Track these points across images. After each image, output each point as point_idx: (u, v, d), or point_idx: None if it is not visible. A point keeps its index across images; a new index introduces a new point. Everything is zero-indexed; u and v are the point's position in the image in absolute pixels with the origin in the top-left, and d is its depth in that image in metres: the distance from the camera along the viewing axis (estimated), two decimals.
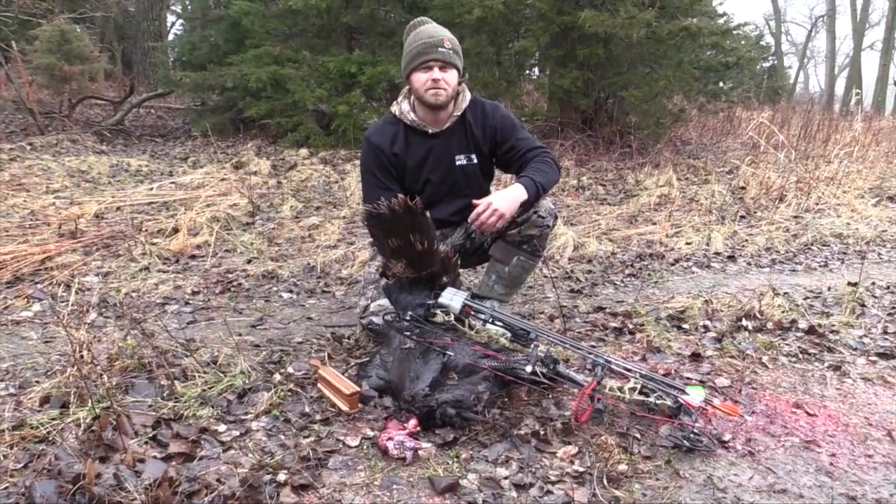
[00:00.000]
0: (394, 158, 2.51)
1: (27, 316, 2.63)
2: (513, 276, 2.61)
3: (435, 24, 2.47)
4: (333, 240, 3.98)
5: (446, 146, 2.54)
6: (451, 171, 2.57)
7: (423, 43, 2.37)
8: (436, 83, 2.38)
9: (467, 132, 2.55)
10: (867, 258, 4.48)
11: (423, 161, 2.54)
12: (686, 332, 2.81)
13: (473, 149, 2.57)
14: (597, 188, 6.39)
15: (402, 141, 2.52)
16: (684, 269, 3.99)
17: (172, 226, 3.86)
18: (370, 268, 2.64)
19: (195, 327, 2.65)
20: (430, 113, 2.48)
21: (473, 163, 2.58)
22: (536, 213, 2.49)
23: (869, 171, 8.47)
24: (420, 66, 2.39)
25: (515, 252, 2.56)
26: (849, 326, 2.94)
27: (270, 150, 7.76)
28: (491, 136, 2.56)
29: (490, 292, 2.66)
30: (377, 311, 2.41)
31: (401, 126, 2.52)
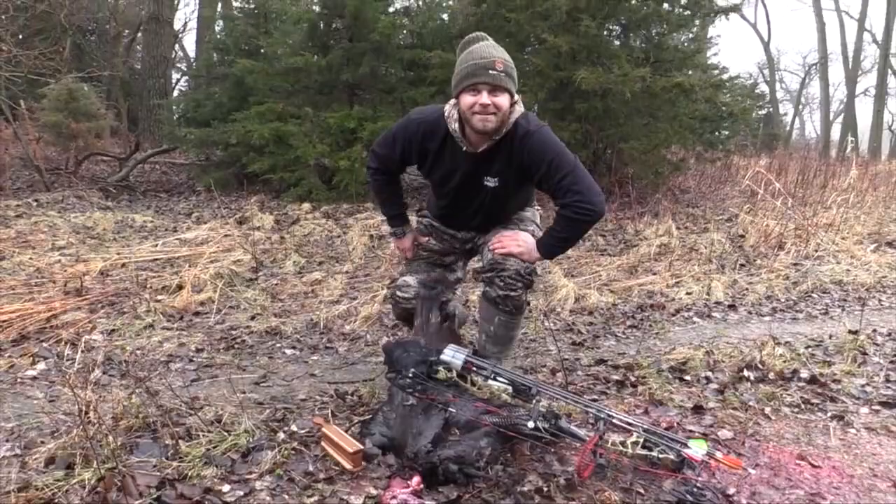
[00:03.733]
0: (423, 151, 2.47)
1: (32, 375, 2.65)
2: (499, 335, 2.58)
3: (489, 42, 2.33)
4: (336, 295, 4.01)
5: (477, 168, 2.43)
6: (479, 191, 2.48)
7: (474, 64, 2.25)
8: (484, 108, 2.25)
9: (504, 157, 2.39)
10: (868, 305, 4.50)
11: (450, 174, 2.48)
12: (688, 383, 2.82)
13: (507, 173, 2.42)
14: (597, 239, 6.44)
15: (438, 143, 2.44)
16: (685, 319, 4.01)
17: (177, 283, 3.90)
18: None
19: (199, 385, 2.66)
20: (474, 133, 2.36)
21: (504, 185, 2.45)
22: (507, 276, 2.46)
23: (867, 216, 8.55)
24: (468, 88, 2.27)
25: (495, 312, 2.53)
26: (851, 375, 2.95)
27: (273, 205, 7.85)
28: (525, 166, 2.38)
29: (485, 352, 2.64)
30: (402, 286, 2.61)
31: (444, 129, 2.41)
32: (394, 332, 3.46)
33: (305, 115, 8.35)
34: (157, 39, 12.75)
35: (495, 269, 2.48)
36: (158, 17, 12.45)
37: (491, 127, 2.28)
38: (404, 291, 2.62)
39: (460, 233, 2.73)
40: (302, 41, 8.88)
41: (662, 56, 8.10)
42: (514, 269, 2.48)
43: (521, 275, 2.49)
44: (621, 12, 7.86)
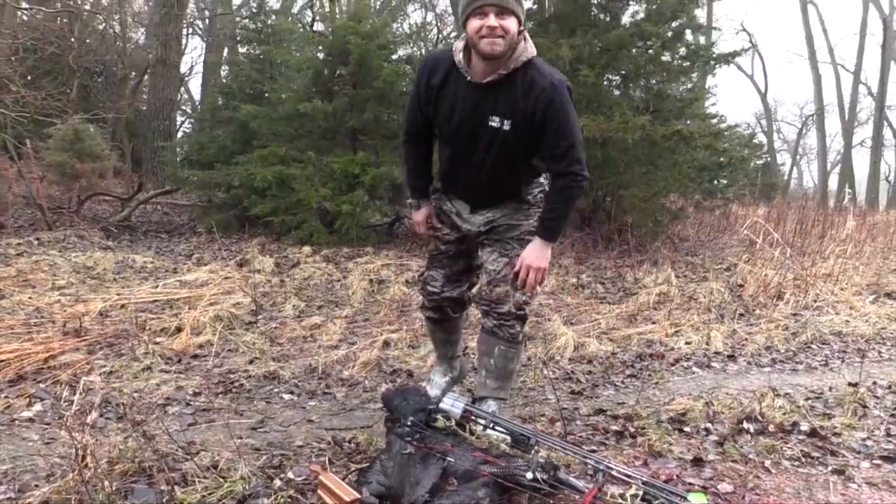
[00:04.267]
0: (429, 91, 2.43)
1: (28, 416, 2.64)
2: (499, 366, 2.66)
3: None
4: (335, 340, 4.01)
5: (481, 102, 2.34)
6: (483, 133, 2.38)
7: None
8: (492, 31, 2.18)
9: (512, 94, 2.30)
10: (867, 356, 4.49)
11: (452, 110, 2.40)
12: (687, 435, 2.80)
13: (511, 114, 2.32)
14: (596, 286, 6.46)
15: (442, 76, 2.38)
16: (684, 369, 4.00)
17: (176, 325, 3.90)
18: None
19: (196, 429, 2.65)
20: (481, 62, 2.29)
21: (506, 129, 2.34)
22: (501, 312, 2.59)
23: (865, 267, 8.57)
24: (475, 12, 2.21)
25: (495, 342, 2.63)
26: (851, 428, 2.93)
27: (274, 248, 7.88)
28: (533, 114, 2.31)
29: (485, 390, 2.70)
30: (429, 280, 2.79)
31: (449, 61, 2.38)
32: (392, 378, 3.45)
33: (308, 159, 8.44)
34: (164, 82, 12.97)
35: (490, 305, 2.62)
36: (165, 60, 12.68)
37: (499, 50, 2.22)
38: (432, 285, 2.79)
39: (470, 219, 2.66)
40: (306, 87, 9.03)
41: (662, 105, 8.24)
42: (506, 309, 2.61)
43: (514, 312, 2.62)
44: (620, 61, 8.01)
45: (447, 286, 2.78)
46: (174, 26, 12.82)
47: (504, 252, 2.60)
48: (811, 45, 29.39)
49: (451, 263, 2.76)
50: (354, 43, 8.07)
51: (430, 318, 2.90)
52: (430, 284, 2.81)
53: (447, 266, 2.77)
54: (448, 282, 2.78)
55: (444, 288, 2.78)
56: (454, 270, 2.77)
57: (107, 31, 16.52)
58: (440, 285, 2.78)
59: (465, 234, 2.69)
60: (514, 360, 2.72)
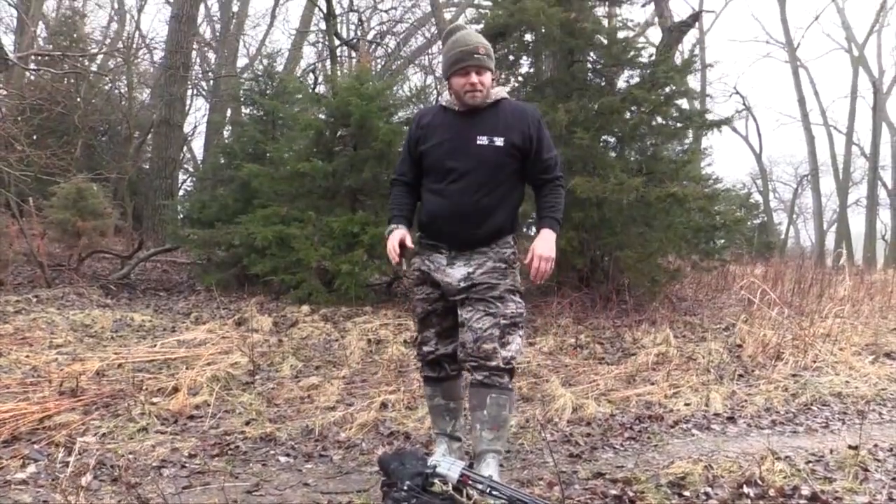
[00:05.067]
0: (419, 130, 2.81)
1: (21, 478, 2.61)
2: (493, 415, 2.67)
3: (470, 31, 2.78)
4: (333, 401, 3.99)
5: (470, 125, 2.72)
6: (472, 149, 2.69)
7: (461, 51, 2.64)
8: (473, 87, 2.64)
9: (498, 116, 2.72)
10: (868, 418, 4.46)
11: (442, 135, 2.75)
12: (687, 499, 2.77)
13: (501, 132, 2.70)
14: (594, 346, 6.45)
15: (431, 117, 2.83)
16: (684, 431, 3.97)
17: (173, 385, 3.89)
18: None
19: (191, 492, 2.62)
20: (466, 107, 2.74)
21: (496, 145, 2.68)
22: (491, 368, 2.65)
23: (864, 326, 8.57)
24: (458, 72, 2.66)
25: (486, 392, 2.66)
26: (853, 493, 2.90)
27: (273, 306, 7.89)
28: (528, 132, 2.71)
29: (482, 443, 2.70)
30: (423, 341, 2.90)
31: (437, 106, 2.90)
32: (389, 440, 3.43)
33: (308, 218, 8.54)
34: (167, 142, 13.18)
35: (478, 361, 2.67)
36: (169, 120, 12.92)
37: (479, 100, 2.69)
38: (427, 346, 2.91)
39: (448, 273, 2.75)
40: (307, 147, 9.21)
41: (656, 167, 8.37)
42: (494, 364, 2.66)
43: (502, 368, 2.69)
44: (614, 124, 8.18)
45: (441, 343, 2.88)
46: (179, 87, 13.09)
47: (489, 311, 2.69)
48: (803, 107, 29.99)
49: (440, 321, 2.87)
50: (356, 104, 8.27)
51: (428, 377, 2.94)
52: (424, 345, 2.91)
53: (437, 324, 2.88)
54: (441, 339, 2.88)
55: (437, 346, 2.88)
56: (444, 327, 2.87)
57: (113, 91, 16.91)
58: (434, 343, 2.89)
59: (445, 289, 2.78)
60: (507, 406, 2.75)
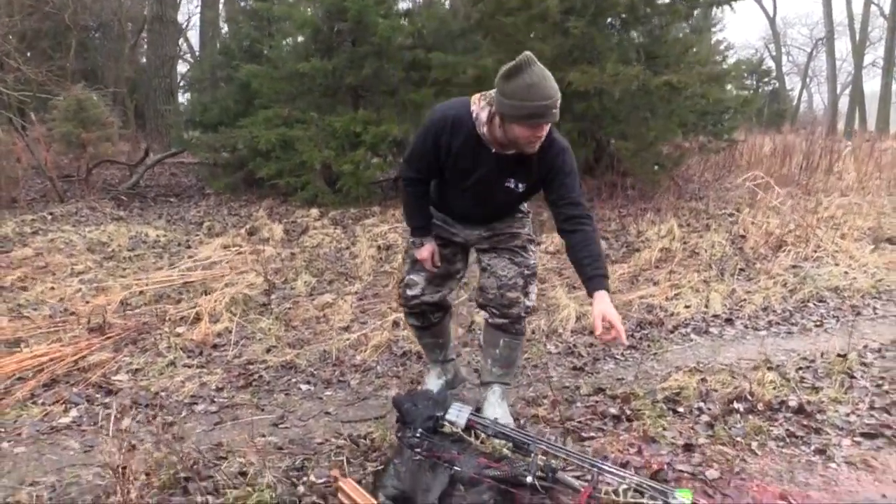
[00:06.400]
0: (449, 152, 2.52)
1: (66, 422, 2.84)
2: (504, 356, 2.86)
3: (546, 74, 2.28)
4: (347, 320, 4.18)
5: (502, 168, 2.53)
6: (497, 189, 2.59)
7: (541, 105, 2.25)
8: (538, 139, 2.37)
9: (527, 162, 2.50)
10: (861, 314, 4.64)
11: (472, 169, 2.55)
12: (681, 415, 2.98)
13: (525, 177, 2.55)
14: None
15: (462, 141, 2.50)
16: (682, 336, 4.17)
17: (195, 313, 4.08)
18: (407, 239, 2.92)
19: (222, 428, 2.85)
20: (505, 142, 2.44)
21: (520, 191, 2.59)
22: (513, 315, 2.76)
23: (869, 206, 8.62)
24: (529, 124, 2.32)
25: (499, 335, 2.82)
26: (837, 402, 3.10)
27: (282, 211, 8.02)
28: (546, 172, 2.52)
29: (490, 376, 2.91)
30: (410, 284, 2.87)
31: (469, 127, 2.47)
32: (402, 361, 3.63)
33: (311, 119, 8.49)
34: (162, 39, 12.86)
35: (500, 309, 2.77)
36: (162, 17, 12.55)
37: (534, 150, 2.41)
38: (412, 289, 2.87)
39: (462, 231, 2.82)
40: (305, 45, 9.00)
41: (659, 51, 8.15)
42: (516, 312, 2.77)
43: (522, 316, 2.81)
44: (608, 9, 7.88)
45: (427, 290, 2.86)
46: None
47: (514, 260, 2.76)
48: None
49: (431, 266, 2.83)
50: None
51: (412, 325, 3.01)
52: (409, 288, 2.88)
53: (428, 269, 2.83)
54: (429, 285, 2.86)
55: (424, 291, 2.86)
56: (436, 274, 2.84)
57: None
58: (420, 289, 2.86)
59: (465, 239, 2.83)
60: (518, 349, 2.92)
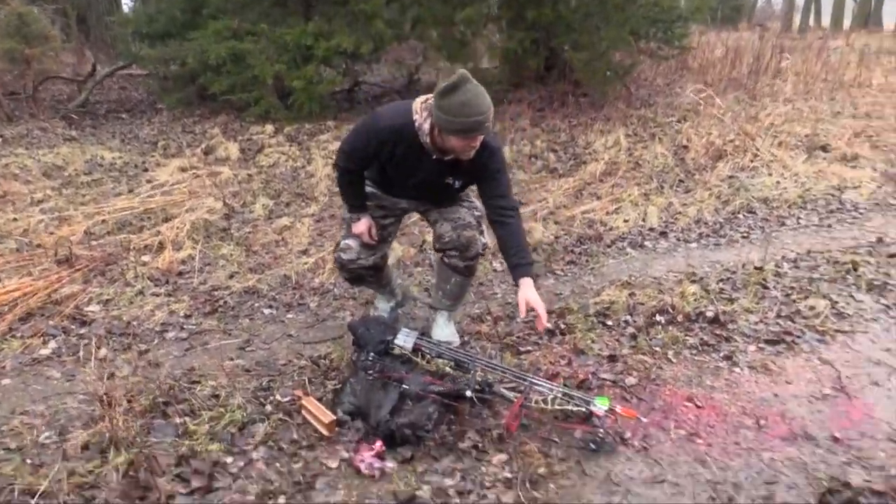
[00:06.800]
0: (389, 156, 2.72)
1: (46, 354, 3.06)
2: (454, 292, 3.14)
3: (478, 89, 2.46)
4: (304, 243, 4.40)
5: (442, 170, 2.76)
6: (439, 186, 2.84)
7: (474, 121, 2.45)
8: (473, 149, 2.59)
9: (463, 163, 2.71)
10: (786, 224, 5.02)
11: (414, 172, 2.76)
12: (609, 328, 3.33)
13: (462, 176, 2.81)
14: (548, 155, 6.80)
15: (405, 147, 2.68)
16: (619, 250, 4.50)
17: (157, 241, 4.25)
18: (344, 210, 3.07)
19: (192, 354, 3.10)
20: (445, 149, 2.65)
21: (458, 186, 2.87)
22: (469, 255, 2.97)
23: (810, 111, 8.95)
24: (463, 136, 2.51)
25: (452, 275, 3.06)
26: (748, 312, 3.48)
27: (237, 127, 8.02)
28: (479, 171, 2.75)
29: (440, 304, 3.20)
30: (345, 248, 2.99)
31: (411, 137, 2.64)
32: None
33: (261, 31, 8.35)
34: None
35: (458, 249, 2.96)
36: None
37: (471, 157, 2.64)
38: (347, 254, 2.99)
39: (404, 202, 3.05)
40: None
41: None
42: (475, 252, 2.98)
43: (480, 253, 3.02)
44: None
45: (363, 254, 2.99)
46: None
47: (462, 205, 2.99)
48: None
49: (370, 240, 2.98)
50: None
51: (348, 280, 3.18)
52: (344, 252, 2.99)
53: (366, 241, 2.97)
54: (364, 249, 2.99)
55: (359, 255, 2.98)
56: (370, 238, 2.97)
57: None
58: (356, 253, 2.98)
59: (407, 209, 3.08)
60: (468, 286, 3.21)
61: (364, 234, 2.97)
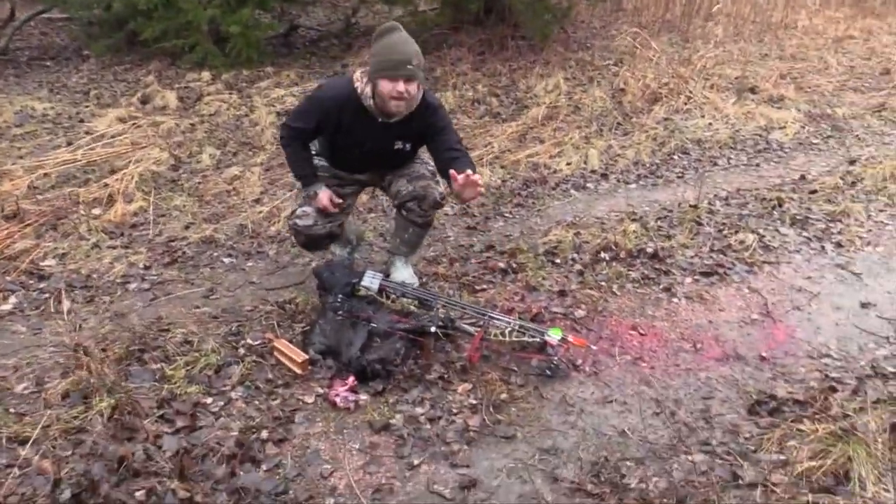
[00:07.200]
0: (335, 126, 2.83)
1: (7, 309, 3.06)
2: (412, 241, 3.28)
3: (404, 35, 2.68)
4: (257, 192, 4.43)
5: (390, 134, 2.87)
6: (388, 152, 2.96)
7: (395, 59, 2.62)
8: (400, 95, 2.66)
9: (411, 125, 2.85)
10: (717, 164, 5.31)
11: (362, 141, 2.87)
12: (558, 266, 3.54)
13: (410, 137, 2.93)
14: (491, 100, 6.90)
15: (351, 115, 2.80)
16: (563, 192, 4.69)
17: (107, 194, 4.21)
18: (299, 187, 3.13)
19: (157, 304, 3.16)
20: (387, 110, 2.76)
21: (408, 149, 2.99)
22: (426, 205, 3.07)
23: (739, 53, 9.26)
24: (388, 77, 2.65)
25: (410, 225, 3.18)
26: (684, 247, 3.74)
27: (172, 74, 7.80)
28: (424, 129, 2.89)
29: (398, 250, 3.33)
30: (301, 215, 3.01)
31: (356, 103, 2.77)
32: None
33: None
34: None
35: (416, 199, 3.07)
36: None
37: (402, 111, 2.75)
38: (303, 220, 3.01)
39: (358, 175, 3.17)
40: None
41: None
42: (432, 199, 3.07)
43: (437, 202, 3.11)
44: None
45: (319, 220, 3.01)
46: None
47: (414, 161, 3.11)
48: None
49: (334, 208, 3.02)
50: None
51: (303, 245, 3.21)
52: (300, 219, 3.00)
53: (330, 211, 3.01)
54: (320, 216, 3.01)
55: (316, 221, 3.00)
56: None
57: None
58: (312, 219, 3.00)
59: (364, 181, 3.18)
60: (425, 235, 3.34)
61: (327, 205, 2.97)
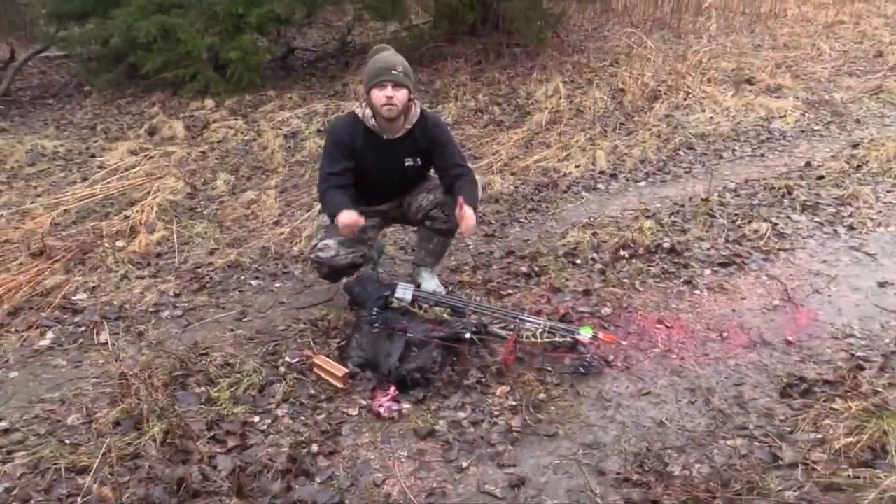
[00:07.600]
0: (351, 151, 3.00)
1: (46, 345, 3.12)
2: (436, 251, 3.38)
3: (392, 52, 2.99)
4: (275, 214, 4.50)
5: (398, 151, 3.07)
6: (401, 169, 3.13)
7: (380, 67, 2.89)
8: (389, 100, 2.87)
9: (415, 141, 3.07)
10: (723, 157, 5.38)
11: (375, 159, 3.05)
12: (579, 266, 3.60)
13: (419, 152, 3.11)
14: (493, 109, 6.99)
15: (361, 140, 3.01)
16: (575, 195, 4.76)
17: (128, 226, 4.28)
18: (322, 217, 3.25)
19: (191, 329, 3.23)
20: (386, 122, 2.98)
21: (419, 164, 3.15)
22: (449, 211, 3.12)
23: (733, 45, 9.35)
24: (376, 85, 2.88)
25: (434, 235, 3.29)
26: (700, 240, 3.80)
27: (175, 104, 7.90)
28: (428, 142, 3.08)
29: (423, 261, 3.41)
30: (323, 248, 3.05)
31: (361, 127, 3.01)
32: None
33: (189, 3, 8.17)
34: None
35: (439, 205, 3.18)
36: None
37: (394, 115, 2.93)
38: (325, 252, 3.03)
39: (379, 206, 3.27)
40: None
41: None
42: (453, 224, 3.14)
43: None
44: None
45: (342, 252, 3.03)
46: None
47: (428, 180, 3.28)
48: None
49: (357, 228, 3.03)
50: None
51: (326, 277, 3.21)
52: (322, 252, 3.04)
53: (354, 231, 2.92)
54: (342, 247, 3.03)
55: (338, 252, 3.02)
56: (349, 238, 2.99)
57: None
58: (334, 252, 3.02)
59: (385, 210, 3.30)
60: (448, 245, 3.43)
61: (353, 224, 2.82)
